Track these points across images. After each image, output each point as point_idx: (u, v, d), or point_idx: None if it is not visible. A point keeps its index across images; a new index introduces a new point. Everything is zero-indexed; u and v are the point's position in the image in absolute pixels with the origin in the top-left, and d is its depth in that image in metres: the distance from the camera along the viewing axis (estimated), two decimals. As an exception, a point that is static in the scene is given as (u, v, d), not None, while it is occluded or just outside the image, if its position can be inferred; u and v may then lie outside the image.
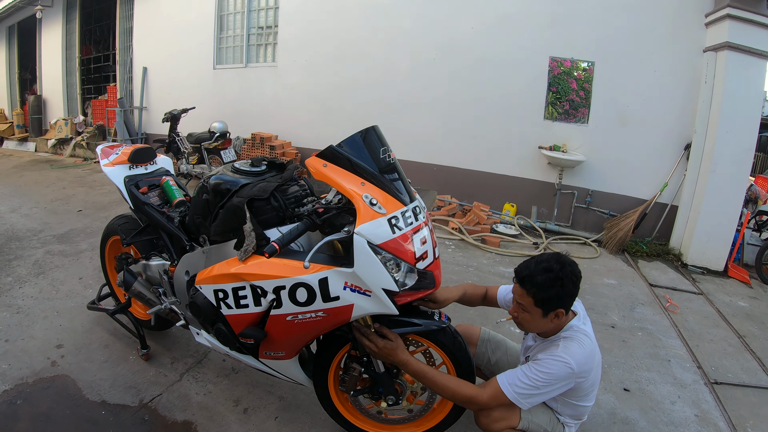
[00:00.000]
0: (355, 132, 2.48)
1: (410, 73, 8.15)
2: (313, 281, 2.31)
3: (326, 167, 2.39)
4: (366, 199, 2.28)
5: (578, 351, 2.30)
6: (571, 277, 2.31)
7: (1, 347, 4.13)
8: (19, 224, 7.62)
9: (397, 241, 2.29)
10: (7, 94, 19.74)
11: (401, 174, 2.54)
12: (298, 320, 2.44)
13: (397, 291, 2.30)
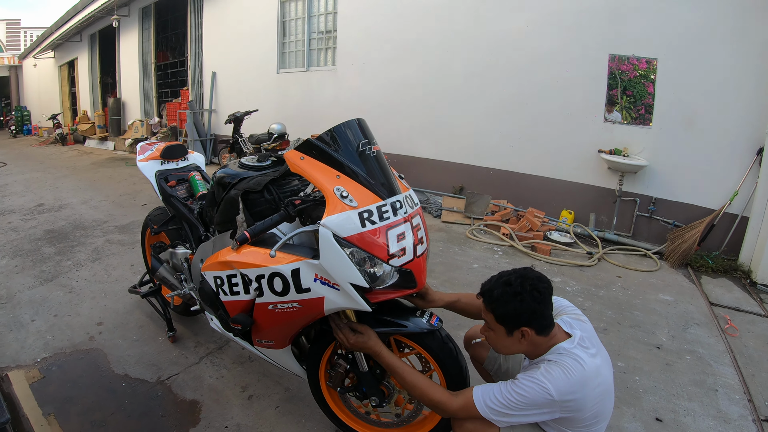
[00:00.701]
0: (336, 124, 2.47)
1: (465, 73, 7.97)
2: (286, 271, 2.32)
3: (303, 160, 2.38)
4: (337, 192, 2.24)
5: (560, 377, 2.01)
6: (532, 293, 2.08)
7: (49, 321, 4.64)
8: (87, 215, 8.37)
9: (367, 236, 2.22)
10: (90, 96, 21.13)
11: (384, 168, 2.49)
12: (278, 310, 2.48)
13: (367, 287, 2.23)
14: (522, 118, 7.48)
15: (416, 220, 2.46)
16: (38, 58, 26.13)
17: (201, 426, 3.16)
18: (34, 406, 3.41)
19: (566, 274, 5.53)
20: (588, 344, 2.16)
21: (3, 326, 4.57)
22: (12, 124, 26.99)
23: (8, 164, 14.98)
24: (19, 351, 4.14)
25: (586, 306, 4.82)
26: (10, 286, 5.44)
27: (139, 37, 16.74)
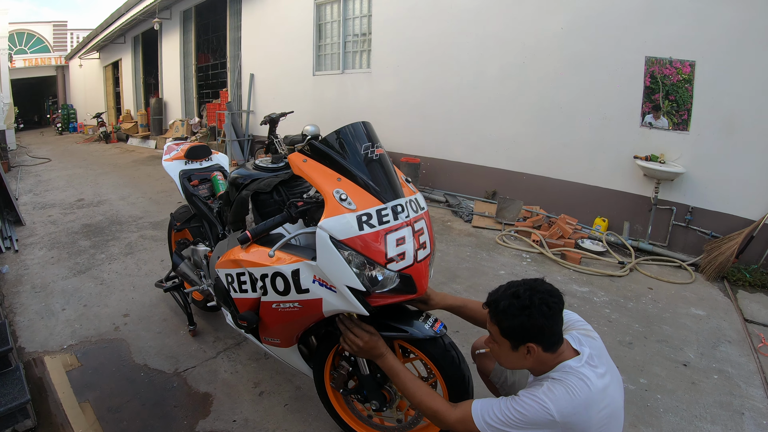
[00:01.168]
0: (340, 127, 2.47)
1: (499, 76, 7.85)
2: (287, 272, 2.36)
3: (306, 162, 2.41)
4: (336, 195, 2.26)
5: (563, 397, 1.87)
6: (541, 307, 1.93)
7: (79, 310, 4.84)
8: (123, 210, 8.66)
9: (364, 239, 2.22)
10: (133, 96, 21.80)
11: (388, 171, 2.46)
12: (281, 309, 2.52)
13: (364, 290, 2.23)
14: (556, 122, 7.31)
15: (419, 225, 2.44)
16: (84, 59, 27.06)
17: (210, 418, 3.25)
18: (70, 393, 3.57)
19: (595, 284, 5.38)
20: (597, 363, 2.01)
21: (35, 313, 4.79)
22: (58, 122, 28.14)
23: (53, 160, 15.54)
24: (47, 337, 4.34)
25: (612, 318, 4.67)
26: (45, 276, 5.69)
27: (180, 39, 17.20)
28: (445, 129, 8.63)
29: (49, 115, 33.45)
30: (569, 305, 4.52)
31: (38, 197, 10.05)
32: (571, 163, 7.29)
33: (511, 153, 7.91)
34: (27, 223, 7.94)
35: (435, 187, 8.85)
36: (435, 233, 6.57)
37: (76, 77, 30.42)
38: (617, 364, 3.54)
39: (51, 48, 30.59)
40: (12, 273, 5.80)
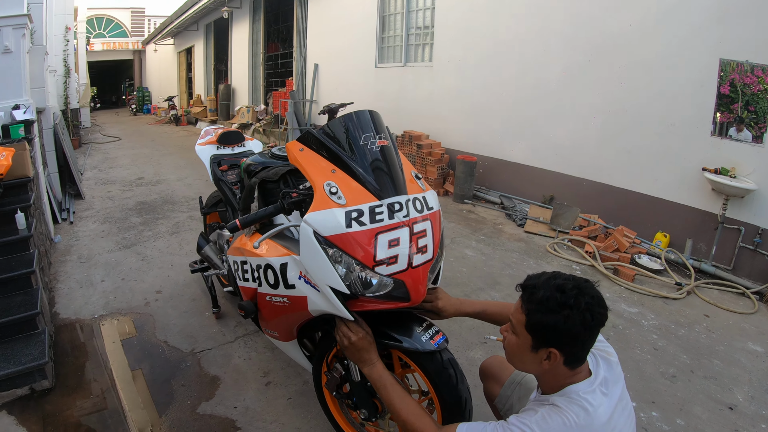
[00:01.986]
0: (343, 115, 2.34)
1: (562, 75, 7.43)
2: (276, 264, 2.31)
3: (302, 152, 2.29)
4: (326, 187, 2.12)
5: (557, 428, 1.62)
6: (584, 314, 1.62)
7: (116, 283, 5.05)
8: (178, 191, 8.92)
9: (351, 237, 2.06)
10: (204, 82, 22.55)
11: (391, 165, 2.30)
12: (273, 302, 2.46)
13: (347, 293, 2.09)
14: (620, 127, 6.83)
15: (421, 226, 2.24)
16: (159, 44, 28.42)
17: (213, 402, 3.30)
18: (123, 360, 3.75)
19: (646, 305, 4.92)
20: (608, 390, 1.72)
21: (76, 282, 5.05)
22: (133, 103, 29.56)
23: (122, 139, 16.25)
24: (82, 306, 4.57)
25: (659, 345, 4.16)
26: (92, 248, 5.98)
27: (249, 28, 17.63)
28: (504, 128, 8.40)
29: (125, 96, 35.18)
30: (612, 326, 4.28)
31: (102, 173, 10.58)
32: (633, 171, 6.79)
33: (571, 157, 7.50)
34: (86, 197, 8.37)
35: (491, 188, 8.62)
36: (484, 235, 6.45)
37: (151, 61, 31.85)
38: (656, 399, 3.41)
39: (129, 33, 32.01)
40: (63, 243, 6.12)
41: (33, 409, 3.23)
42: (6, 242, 4.34)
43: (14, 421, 3.13)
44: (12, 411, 3.23)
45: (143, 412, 3.19)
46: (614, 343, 3.96)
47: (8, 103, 5.66)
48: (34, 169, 5.39)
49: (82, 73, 18.76)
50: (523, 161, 8.10)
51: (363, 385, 2.44)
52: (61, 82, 13.41)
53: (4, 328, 3.61)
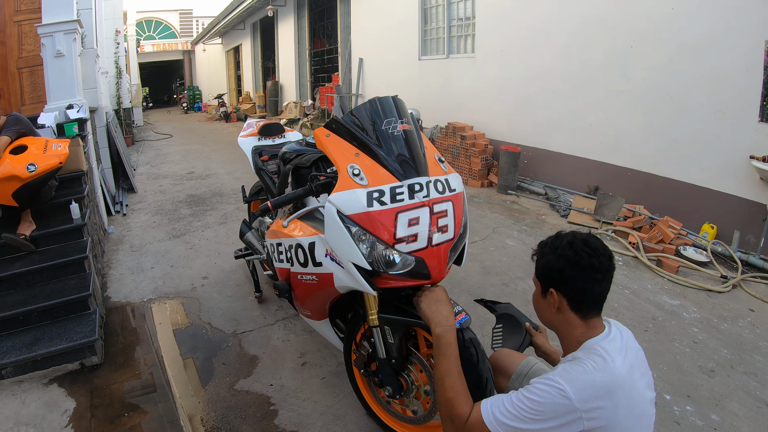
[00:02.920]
0: (368, 100, 2.44)
1: (605, 62, 7.21)
2: (305, 243, 2.44)
3: (329, 137, 2.41)
4: (350, 170, 2.24)
5: (580, 377, 1.62)
6: (578, 255, 1.73)
7: (165, 270, 5.32)
8: (228, 184, 9.17)
9: (372, 215, 2.16)
10: (252, 79, 23.13)
11: (413, 148, 2.38)
12: (304, 280, 2.58)
13: (369, 269, 2.19)
14: (665, 115, 6.58)
15: (442, 207, 2.31)
16: (207, 44, 29.38)
17: (251, 380, 3.45)
18: (174, 348, 3.93)
19: (689, 298, 4.75)
20: (625, 352, 1.73)
21: (127, 269, 5.34)
22: (184, 102, 30.52)
23: (174, 136, 16.80)
24: (132, 291, 4.84)
25: (699, 339, 4.00)
26: (144, 238, 6.29)
27: (295, 25, 17.97)
28: (547, 117, 8.29)
29: (176, 95, 36.44)
30: (652, 318, 4.19)
31: (154, 168, 11.03)
32: (679, 159, 6.55)
33: (615, 146, 7.30)
34: (139, 191, 8.75)
35: (535, 179, 8.51)
36: (526, 226, 6.40)
37: (200, 61, 32.82)
38: (691, 393, 3.34)
39: (178, 34, 33.13)
40: (116, 233, 6.45)
41: (82, 383, 3.47)
42: (61, 230, 4.64)
43: (64, 393, 3.38)
44: (62, 384, 3.48)
45: (189, 394, 3.36)
46: (653, 335, 3.95)
47: (62, 103, 6.02)
48: (88, 164, 5.71)
49: (134, 74, 19.47)
50: (567, 151, 7.98)
51: (388, 362, 2.51)
52: (113, 83, 13.95)
53: (58, 308, 3.89)
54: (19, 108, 6.70)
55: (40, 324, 3.83)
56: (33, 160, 4.17)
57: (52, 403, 3.29)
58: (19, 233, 4.33)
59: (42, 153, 4.29)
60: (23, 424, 3.11)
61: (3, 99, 6.75)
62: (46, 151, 4.35)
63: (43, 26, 5.95)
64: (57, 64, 6.07)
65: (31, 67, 6.78)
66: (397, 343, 2.46)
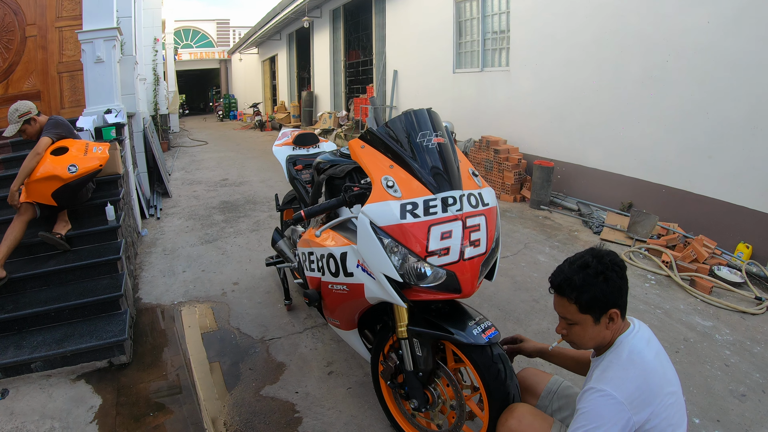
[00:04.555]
0: (404, 112, 2.48)
1: (640, 77, 7.07)
2: (337, 254, 2.46)
3: (363, 149, 2.43)
4: (384, 181, 2.25)
5: (617, 375, 1.78)
6: (614, 268, 1.86)
7: (196, 274, 5.38)
8: (261, 192, 9.27)
9: (405, 228, 2.17)
10: (287, 89, 23.49)
11: (447, 161, 2.39)
12: (334, 290, 2.59)
13: (400, 281, 2.19)
14: (702, 131, 6.43)
15: (475, 221, 2.32)
16: (244, 54, 29.90)
17: (276, 386, 3.46)
18: (202, 351, 3.98)
19: (721, 319, 4.60)
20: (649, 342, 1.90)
21: (159, 272, 5.43)
22: (220, 110, 31.23)
23: (209, 143, 17.12)
24: (163, 293, 4.91)
25: (731, 362, 3.86)
26: (176, 242, 6.39)
27: (330, 37, 18.15)
28: (581, 132, 8.20)
29: (212, 103, 37.31)
30: (684, 339, 4.10)
31: (189, 174, 11.23)
32: (715, 177, 6.38)
33: (650, 162, 7.16)
34: (173, 195, 8.92)
35: (568, 194, 8.40)
36: (558, 242, 6.30)
37: (237, 70, 33.53)
38: (721, 417, 3.25)
39: (215, 43, 34.02)
40: (150, 236, 6.57)
41: (109, 380, 3.54)
42: (96, 231, 4.75)
43: (91, 390, 3.44)
44: (90, 380, 3.55)
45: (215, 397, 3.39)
46: (684, 356, 3.83)
47: (101, 108, 6.18)
48: (124, 168, 5.85)
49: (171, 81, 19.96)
50: (600, 166, 7.86)
51: (415, 375, 2.49)
52: (151, 90, 14.27)
53: (90, 307, 3.97)
54: (58, 111, 6.93)
55: (71, 321, 3.92)
56: (74, 162, 4.29)
57: (78, 399, 3.36)
58: (55, 232, 4.45)
59: (83, 155, 4.42)
60: (49, 417, 3.18)
61: (43, 102, 6.99)
62: (87, 153, 4.47)
63: (83, 33, 6.15)
64: (96, 70, 6.24)
65: (71, 71, 7.01)
66: (425, 356, 2.45)
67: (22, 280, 4.20)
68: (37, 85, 7.01)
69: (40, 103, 6.87)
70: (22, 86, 6.98)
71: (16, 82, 6.97)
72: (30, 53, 6.93)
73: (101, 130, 5.80)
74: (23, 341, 3.69)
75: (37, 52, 6.94)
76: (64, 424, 3.10)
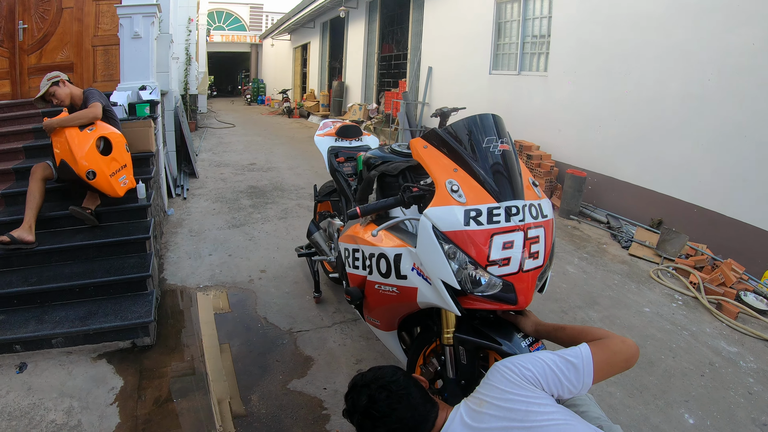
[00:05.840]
0: (468, 116, 2.39)
1: (680, 93, 6.86)
2: (390, 254, 2.37)
3: (426, 149, 2.37)
4: (448, 185, 2.18)
5: None
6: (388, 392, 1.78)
7: (223, 258, 5.31)
8: (288, 179, 9.15)
9: (467, 234, 2.12)
10: (318, 77, 23.45)
11: (510, 169, 2.33)
12: (381, 291, 2.51)
13: (458, 288, 2.14)
14: (738, 153, 6.27)
15: (535, 232, 2.27)
16: (276, 39, 29.83)
17: (304, 380, 3.37)
18: (213, 333, 3.94)
19: (746, 346, 4.47)
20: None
21: (185, 253, 5.37)
22: (248, 93, 31.45)
23: (236, 126, 17.19)
24: (189, 275, 4.85)
25: (754, 390, 3.76)
26: (203, 224, 6.33)
27: (365, 28, 18.02)
28: (616, 144, 8.02)
29: (240, 86, 37.77)
30: (709, 363, 3.99)
31: (216, 156, 11.21)
32: (748, 201, 6.23)
33: (683, 180, 6.99)
34: (200, 176, 8.89)
35: (598, 206, 8.23)
36: (587, 254, 6.15)
37: (267, 55, 33.60)
38: None
39: (247, 27, 34.13)
40: (176, 216, 6.54)
41: (131, 362, 3.47)
42: (126, 209, 4.71)
43: (112, 370, 3.37)
44: (111, 360, 3.48)
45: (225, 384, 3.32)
46: (709, 381, 3.71)
47: (135, 84, 6.16)
48: (156, 146, 5.76)
49: (202, 62, 20.01)
50: (633, 180, 7.69)
51: (457, 382, 2.43)
52: (183, 69, 14.26)
53: (116, 285, 3.92)
54: (90, 84, 6.94)
55: (96, 298, 3.87)
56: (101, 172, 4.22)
57: (99, 379, 3.30)
58: (85, 206, 4.41)
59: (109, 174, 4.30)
60: (68, 395, 3.12)
61: (76, 74, 6.98)
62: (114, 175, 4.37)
63: (122, 7, 6.13)
64: (133, 45, 6.22)
65: (105, 45, 7.00)
66: (469, 364, 2.39)
67: (47, 252, 4.17)
68: (71, 57, 7.00)
69: (72, 75, 6.82)
70: (56, 57, 6.97)
71: (50, 52, 6.96)
72: (65, 25, 6.92)
73: (135, 106, 5.75)
74: (45, 315, 3.65)
75: (72, 24, 6.92)
76: (83, 404, 3.04)
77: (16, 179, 5.00)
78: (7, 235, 4.00)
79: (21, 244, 4.03)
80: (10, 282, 3.87)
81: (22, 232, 4.05)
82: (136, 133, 5.26)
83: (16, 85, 6.88)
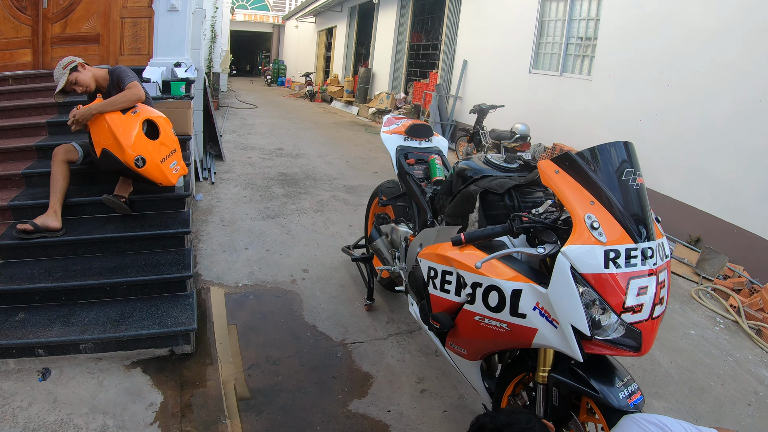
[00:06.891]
0: (602, 143, 2.20)
1: (729, 111, 6.66)
2: (507, 289, 2.14)
3: (558, 174, 2.15)
4: (588, 220, 2.00)
5: None
6: None
7: (260, 254, 4.97)
8: (320, 168, 8.80)
9: (607, 278, 1.96)
10: (343, 63, 23.20)
11: (645, 206, 2.17)
12: (483, 324, 2.28)
13: (588, 336, 1.97)
14: None
15: (663, 275, 2.09)
16: (300, 21, 29.39)
17: (366, 401, 3.08)
18: (223, 314, 3.73)
19: None
20: None
21: (218, 245, 5.03)
22: (268, 74, 31.32)
23: (258, 107, 16.90)
24: (225, 271, 4.51)
25: None
26: (235, 213, 5.99)
27: (397, 16, 17.67)
28: (658, 157, 7.72)
29: (260, 66, 37.52)
30: (754, 392, 3.88)
31: (241, 138, 10.88)
32: None
33: (725, 199, 6.80)
34: (227, 159, 8.57)
35: None
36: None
37: (290, 37, 33.27)
38: None
39: (270, 7, 34.02)
40: (204, 202, 6.22)
41: (170, 372, 3.15)
42: (161, 198, 4.36)
43: (149, 382, 3.05)
44: (147, 370, 3.16)
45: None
46: (754, 410, 3.57)
47: (170, 60, 5.80)
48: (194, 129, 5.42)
49: (225, 40, 19.71)
50: (674, 195, 7.41)
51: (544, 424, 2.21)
52: (207, 47, 13.90)
53: (152, 285, 3.57)
54: (116, 57, 6.55)
55: (129, 298, 3.54)
56: (152, 159, 3.76)
57: (134, 392, 2.96)
58: (118, 195, 4.01)
59: (159, 160, 3.85)
60: (101, 412, 2.78)
61: (101, 46, 6.60)
62: (165, 161, 3.91)
63: (160, -23, 5.77)
64: (169, 19, 5.88)
65: (134, 17, 6.59)
66: (561, 408, 2.22)
67: (72, 244, 3.82)
68: (97, 28, 6.59)
69: (98, 47, 6.51)
70: (81, 27, 6.58)
71: (75, 22, 6.56)
72: (93, -7, 6.56)
73: (170, 84, 5.39)
74: (72, 316, 3.31)
75: (100, -7, 6.56)
76: (119, 423, 2.71)
77: (38, 158, 4.62)
78: (30, 223, 3.67)
79: (46, 232, 3.70)
80: (31, 276, 3.52)
81: (47, 219, 3.73)
82: (174, 115, 4.79)
83: (38, 55, 6.53)
